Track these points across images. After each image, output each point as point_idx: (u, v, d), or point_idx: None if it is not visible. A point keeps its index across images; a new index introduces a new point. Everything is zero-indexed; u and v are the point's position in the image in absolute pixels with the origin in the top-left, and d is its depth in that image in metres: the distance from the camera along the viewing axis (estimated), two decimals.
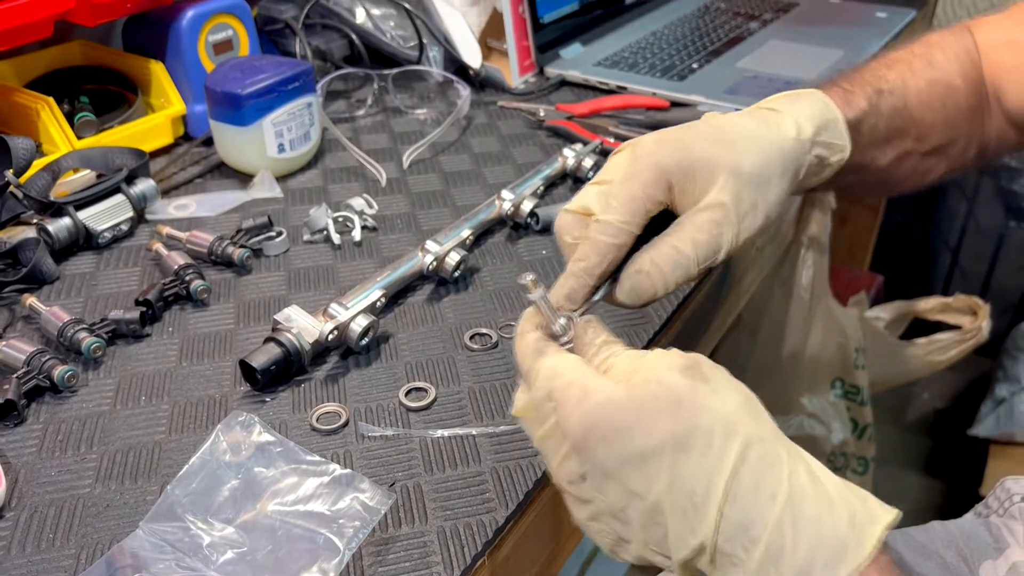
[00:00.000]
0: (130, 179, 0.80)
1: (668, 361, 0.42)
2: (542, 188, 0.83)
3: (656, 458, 0.40)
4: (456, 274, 0.72)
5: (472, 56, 1.08)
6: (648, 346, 0.66)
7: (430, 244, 0.72)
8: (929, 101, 0.62)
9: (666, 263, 0.49)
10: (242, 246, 0.74)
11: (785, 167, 0.52)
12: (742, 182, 0.50)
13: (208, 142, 0.92)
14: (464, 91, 1.01)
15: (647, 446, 0.40)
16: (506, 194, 0.79)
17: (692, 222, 0.49)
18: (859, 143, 0.57)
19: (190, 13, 0.91)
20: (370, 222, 0.81)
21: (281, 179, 0.88)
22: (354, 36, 1.10)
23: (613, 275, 0.50)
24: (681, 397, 0.40)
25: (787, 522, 0.38)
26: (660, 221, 0.50)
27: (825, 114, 0.55)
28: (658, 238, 0.50)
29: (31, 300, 0.68)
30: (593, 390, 0.42)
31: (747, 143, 0.51)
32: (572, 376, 0.43)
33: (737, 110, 0.92)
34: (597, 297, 0.50)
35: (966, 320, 1.44)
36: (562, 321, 0.46)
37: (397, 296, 0.71)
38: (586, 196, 0.50)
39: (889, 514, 0.40)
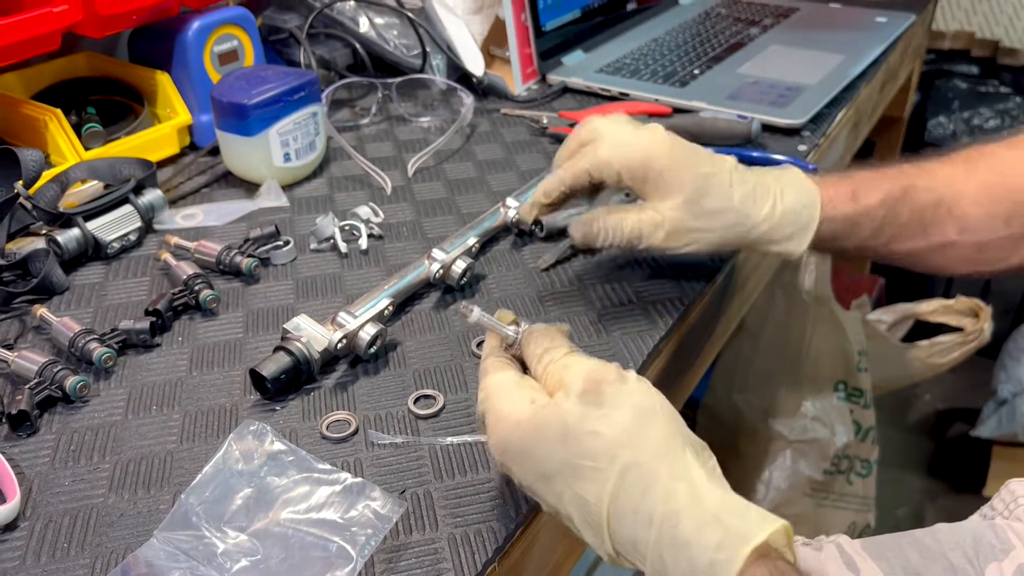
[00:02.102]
0: (138, 189, 0.81)
1: (570, 383, 0.47)
2: None
3: (556, 479, 0.46)
4: (462, 281, 0.72)
5: (475, 64, 1.08)
6: (654, 350, 0.67)
7: (436, 252, 0.72)
8: (979, 200, 0.67)
9: (611, 227, 0.65)
10: (250, 255, 0.75)
11: (731, 229, 0.64)
12: (691, 213, 0.64)
13: (214, 152, 0.92)
14: (467, 99, 1.01)
15: (547, 469, 0.46)
16: (511, 201, 0.80)
17: (644, 209, 0.65)
18: (858, 233, 0.67)
19: (196, 24, 0.92)
20: (376, 230, 0.82)
21: (287, 188, 0.89)
22: (358, 45, 1.10)
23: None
24: (569, 425, 0.45)
25: (664, 543, 0.42)
26: None
27: (797, 214, 0.65)
28: (622, 207, 0.66)
29: (42, 311, 0.68)
30: (505, 414, 0.48)
31: (719, 198, 0.64)
32: (494, 399, 0.49)
33: (740, 116, 0.92)
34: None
35: (968, 322, 1.45)
36: (510, 331, 0.52)
37: (404, 304, 0.71)
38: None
39: (765, 530, 0.41)
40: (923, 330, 1.51)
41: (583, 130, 0.68)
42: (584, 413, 0.45)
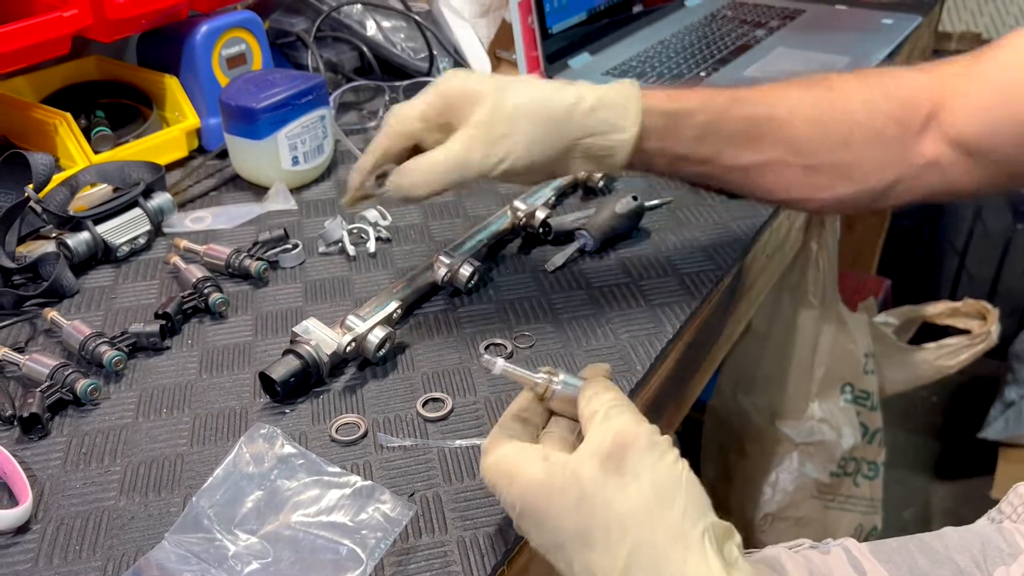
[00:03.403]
0: (147, 193, 0.81)
1: (595, 445, 0.44)
2: (554, 198, 0.84)
3: (569, 547, 0.43)
4: (470, 285, 0.73)
5: (481, 67, 1.09)
6: (662, 352, 0.67)
7: (444, 255, 0.72)
8: (813, 119, 0.65)
9: (425, 164, 0.60)
10: (259, 259, 0.75)
11: (548, 120, 0.60)
12: (501, 115, 0.60)
13: (223, 155, 0.93)
14: None
15: (559, 537, 0.44)
16: (518, 204, 0.80)
17: (453, 137, 0.61)
18: (682, 134, 0.64)
19: (204, 28, 0.92)
20: (384, 233, 0.82)
21: (295, 191, 0.89)
22: (365, 48, 1.11)
23: None
24: (585, 492, 0.43)
25: None
26: None
27: (616, 98, 0.62)
28: (430, 152, 0.61)
29: (52, 314, 0.69)
30: (517, 475, 0.45)
31: (521, 90, 0.61)
32: (506, 465, 0.46)
33: None
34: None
35: (975, 324, 1.44)
36: (539, 378, 0.50)
37: (412, 307, 0.72)
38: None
39: None
40: (930, 332, 1.51)
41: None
42: (603, 481, 0.43)
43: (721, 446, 1.48)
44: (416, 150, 0.63)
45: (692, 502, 0.42)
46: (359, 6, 1.11)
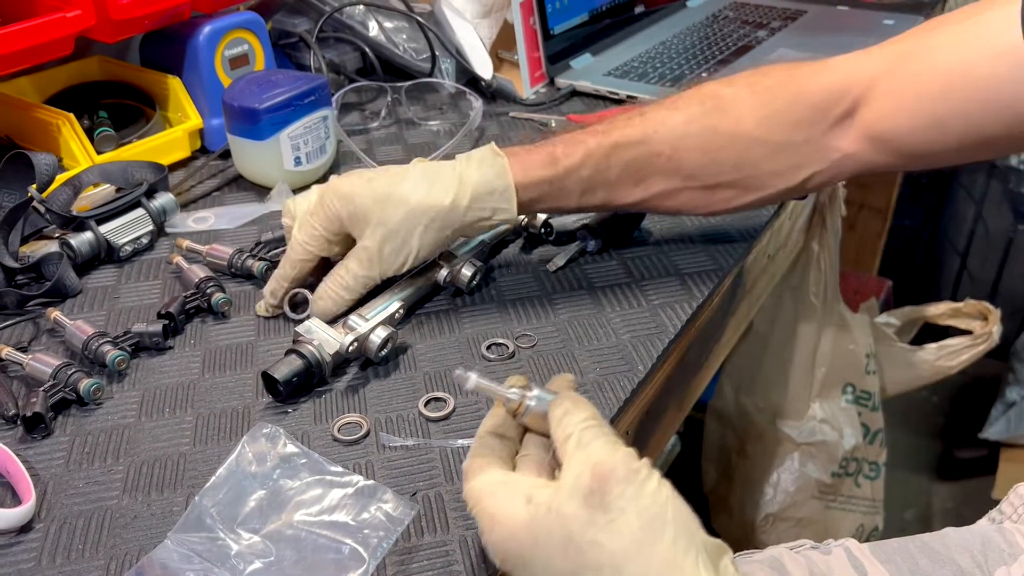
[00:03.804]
0: (150, 193, 0.82)
1: (574, 481, 0.43)
2: None
3: None
4: (472, 284, 0.73)
5: (484, 67, 1.09)
6: (664, 353, 0.67)
7: (445, 256, 0.73)
8: (700, 148, 0.67)
9: (336, 288, 0.68)
10: (261, 259, 0.76)
11: (429, 226, 0.66)
12: (387, 233, 0.66)
13: (225, 155, 0.93)
14: (476, 102, 1.02)
15: None
16: None
17: (353, 255, 0.67)
18: (568, 191, 0.68)
19: (207, 29, 0.92)
20: None
21: (298, 191, 0.89)
22: (367, 49, 1.11)
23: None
24: (572, 533, 0.42)
25: None
26: None
27: (492, 183, 0.66)
28: (337, 265, 0.68)
29: (55, 314, 0.69)
30: (500, 518, 0.45)
31: (400, 204, 0.66)
32: (486, 503, 0.46)
33: None
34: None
35: (976, 325, 1.44)
36: (512, 394, 0.49)
37: (414, 307, 0.72)
38: (294, 205, 0.71)
39: None
40: (931, 333, 1.51)
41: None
42: (589, 519, 0.42)
43: (722, 446, 1.48)
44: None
45: (680, 528, 0.42)
46: (361, 7, 1.11)
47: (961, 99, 0.61)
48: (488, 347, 0.68)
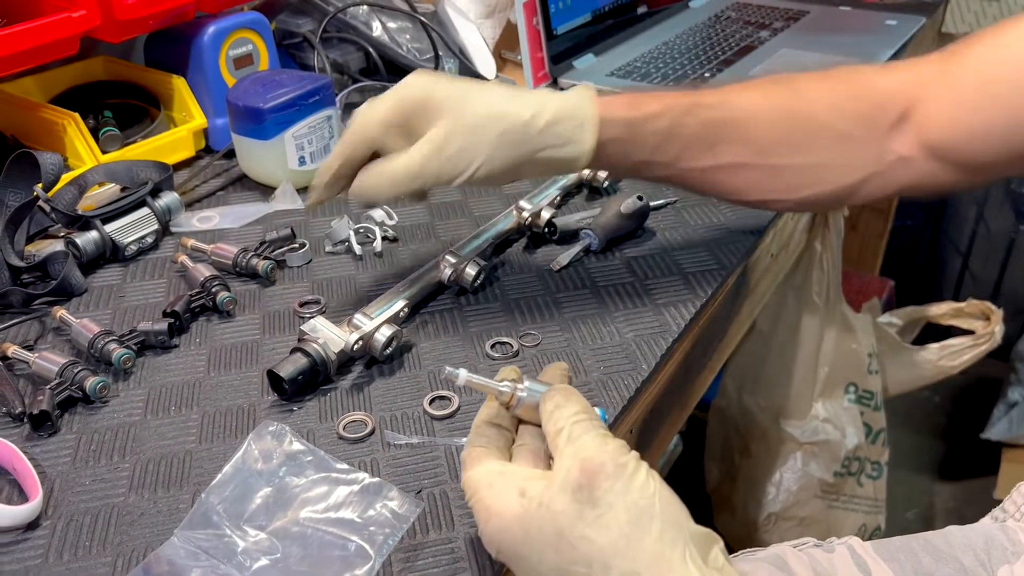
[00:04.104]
0: (155, 192, 0.82)
1: (564, 475, 0.43)
2: (559, 198, 0.85)
3: None
4: (476, 284, 0.73)
5: (487, 67, 1.09)
6: (667, 352, 0.67)
7: (449, 255, 0.73)
8: (775, 122, 0.66)
9: (383, 173, 0.63)
10: (266, 258, 0.76)
11: (506, 134, 0.62)
12: (459, 128, 0.61)
13: (229, 155, 0.93)
14: None
15: (541, 572, 0.43)
16: (524, 204, 0.80)
17: (414, 147, 0.62)
18: (642, 141, 0.65)
19: (211, 29, 0.93)
20: (390, 233, 0.83)
21: (302, 191, 0.90)
22: (371, 49, 1.11)
23: None
24: (562, 528, 0.42)
25: None
26: None
27: (574, 110, 0.63)
28: (386, 158, 0.63)
29: (61, 312, 0.69)
30: (495, 511, 0.45)
31: (479, 104, 0.62)
32: (482, 494, 0.46)
33: None
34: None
35: (979, 325, 1.44)
36: (504, 387, 0.49)
37: (419, 306, 0.72)
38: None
39: None
40: (934, 333, 1.51)
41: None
42: (578, 514, 0.42)
43: (725, 446, 1.48)
44: (377, 154, 0.64)
45: (668, 522, 0.42)
46: (365, 7, 1.11)
47: (1010, 106, 0.61)
48: (492, 346, 0.68)
